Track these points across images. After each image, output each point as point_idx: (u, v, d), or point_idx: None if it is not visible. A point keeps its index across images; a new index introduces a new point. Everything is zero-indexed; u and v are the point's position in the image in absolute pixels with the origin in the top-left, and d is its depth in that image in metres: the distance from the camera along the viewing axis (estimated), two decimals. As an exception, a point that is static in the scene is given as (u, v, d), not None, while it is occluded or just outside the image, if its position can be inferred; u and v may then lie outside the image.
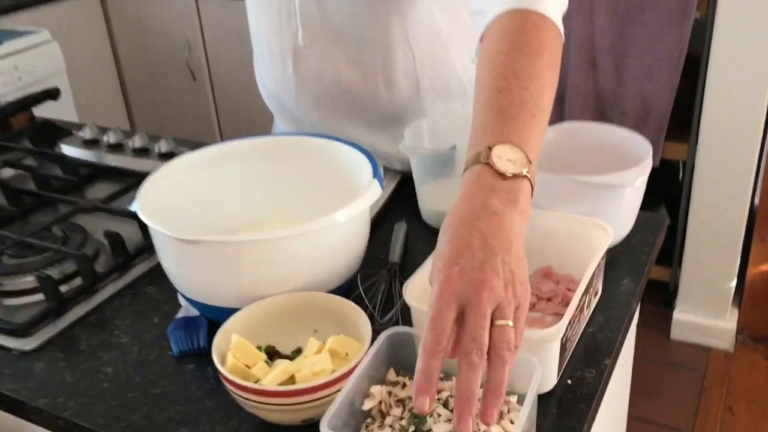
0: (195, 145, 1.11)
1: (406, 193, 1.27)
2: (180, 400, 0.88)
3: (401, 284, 0.99)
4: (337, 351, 0.82)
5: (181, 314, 1.01)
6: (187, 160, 1.08)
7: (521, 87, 0.79)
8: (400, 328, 0.82)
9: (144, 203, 0.96)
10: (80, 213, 1.22)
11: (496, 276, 0.65)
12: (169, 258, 0.94)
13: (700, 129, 2.31)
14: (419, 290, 0.88)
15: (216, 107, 3.37)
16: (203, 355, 0.93)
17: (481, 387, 0.64)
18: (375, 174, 0.99)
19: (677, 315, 2.55)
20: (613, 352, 0.91)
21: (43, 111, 1.65)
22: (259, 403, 0.77)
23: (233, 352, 0.80)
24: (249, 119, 3.22)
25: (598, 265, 0.93)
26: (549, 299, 0.99)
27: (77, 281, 1.08)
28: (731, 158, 2.29)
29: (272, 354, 0.88)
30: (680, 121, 2.35)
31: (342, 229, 0.93)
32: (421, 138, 1.21)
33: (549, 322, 0.96)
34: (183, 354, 0.95)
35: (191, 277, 0.93)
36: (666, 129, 2.35)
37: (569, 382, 0.87)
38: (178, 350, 0.95)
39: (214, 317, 0.95)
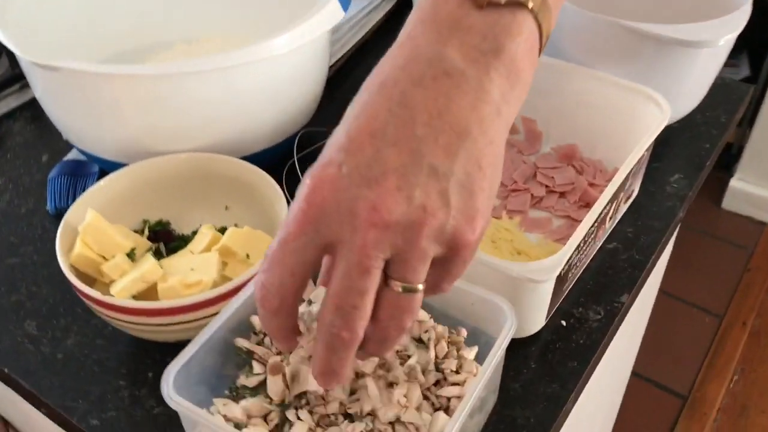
0: None
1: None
2: (38, 278, 0.66)
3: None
4: (233, 251, 0.57)
5: (71, 156, 0.76)
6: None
7: None
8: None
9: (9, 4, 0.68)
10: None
11: (404, 200, 0.35)
12: (36, 88, 0.68)
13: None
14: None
15: None
16: (83, 219, 0.69)
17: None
18: (338, -13, 0.68)
19: (735, 182, 2.23)
20: (636, 285, 0.65)
21: None
22: (107, 316, 0.54)
23: (83, 236, 0.56)
24: None
25: (640, 158, 0.64)
26: (563, 194, 0.72)
27: (-47, 94, 0.84)
28: None
29: (161, 234, 0.64)
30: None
31: (281, 64, 0.65)
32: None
33: (554, 228, 0.69)
34: (60, 212, 0.71)
35: (62, 116, 0.67)
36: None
37: (563, 324, 0.61)
38: (53, 207, 0.71)
39: (106, 168, 0.70)
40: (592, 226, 0.59)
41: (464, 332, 0.53)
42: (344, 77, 0.88)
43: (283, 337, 0.40)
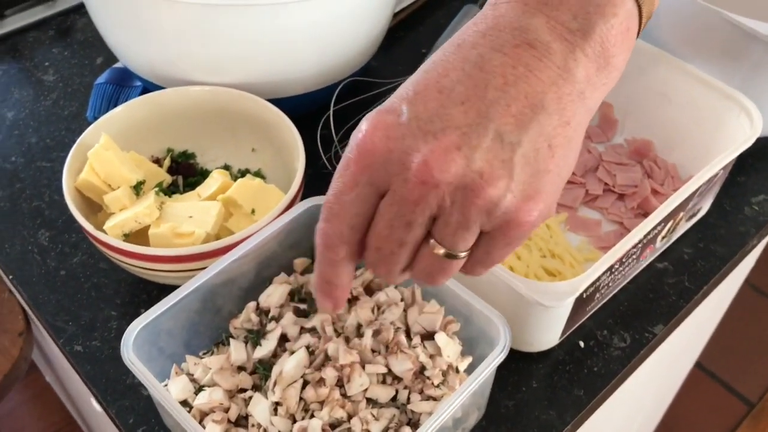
0: None
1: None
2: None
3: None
4: (239, 204, 0.54)
5: (121, 63, 0.74)
6: None
7: None
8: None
9: None
10: None
11: (462, 160, 0.32)
12: (83, -13, 0.65)
13: None
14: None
15: None
16: (117, 133, 0.68)
17: None
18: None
19: None
20: (677, 317, 0.58)
21: None
22: (100, 248, 0.53)
23: (93, 160, 0.54)
24: None
25: (712, 177, 0.55)
26: (621, 197, 0.64)
27: (25, -20, 0.83)
28: None
29: (183, 167, 0.62)
30: None
31: (337, 5, 0.59)
32: None
33: (602, 234, 0.62)
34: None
35: (105, 27, 0.64)
36: None
37: (581, 344, 0.56)
38: (92, 115, 0.70)
39: (147, 86, 0.68)
40: (633, 247, 0.52)
41: (458, 345, 0.48)
42: (409, 28, 0.81)
43: (339, 285, 0.37)
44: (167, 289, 0.57)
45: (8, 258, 0.60)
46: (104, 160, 0.54)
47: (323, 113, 0.66)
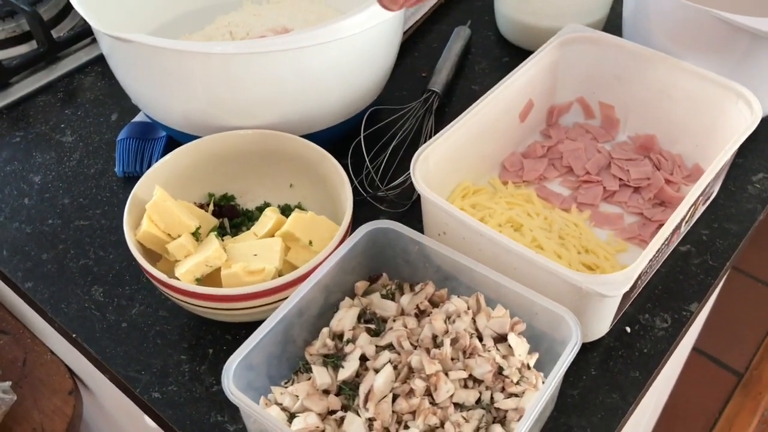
0: None
1: (483, -17, 0.92)
2: (106, 243, 0.67)
3: (436, 129, 0.72)
4: (296, 237, 0.57)
5: (139, 118, 0.77)
6: None
7: None
8: (389, 225, 0.55)
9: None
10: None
11: None
12: (108, 56, 0.67)
13: None
14: (443, 163, 0.60)
15: None
16: (150, 185, 0.70)
17: None
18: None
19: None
20: (708, 292, 0.62)
21: None
22: (171, 296, 0.55)
23: (150, 212, 0.56)
24: None
25: (726, 162, 0.60)
26: (637, 189, 0.69)
27: (25, 48, 0.84)
28: None
29: (226, 210, 0.64)
30: None
31: (352, 44, 0.63)
32: None
33: (626, 226, 0.66)
34: (127, 176, 0.72)
35: (131, 85, 0.67)
36: None
37: (628, 330, 0.60)
38: (121, 170, 0.72)
39: (173, 136, 0.70)
40: (671, 233, 0.56)
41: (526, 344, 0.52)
42: (405, 55, 0.85)
43: None
44: (231, 328, 0.60)
45: (67, 317, 0.62)
46: (163, 211, 0.56)
47: (345, 142, 0.69)
